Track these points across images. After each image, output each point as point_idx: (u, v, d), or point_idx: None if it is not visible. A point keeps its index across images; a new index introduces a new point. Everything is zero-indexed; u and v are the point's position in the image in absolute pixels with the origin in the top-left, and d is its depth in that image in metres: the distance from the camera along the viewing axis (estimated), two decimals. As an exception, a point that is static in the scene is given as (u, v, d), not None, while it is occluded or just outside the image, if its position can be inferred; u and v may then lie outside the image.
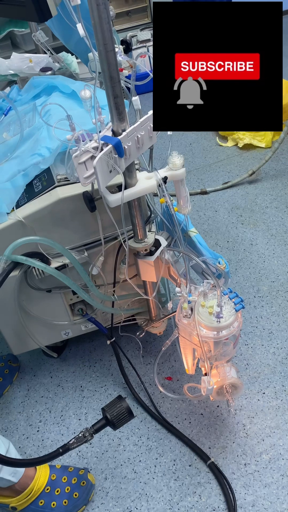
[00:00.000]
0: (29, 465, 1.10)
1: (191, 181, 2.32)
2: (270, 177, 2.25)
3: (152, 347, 1.56)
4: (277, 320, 1.57)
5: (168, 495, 1.20)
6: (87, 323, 1.36)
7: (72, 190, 1.07)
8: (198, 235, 1.27)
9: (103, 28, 0.75)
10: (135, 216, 1.08)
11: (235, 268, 1.79)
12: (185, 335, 1.10)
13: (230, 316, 1.02)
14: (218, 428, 1.31)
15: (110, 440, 1.33)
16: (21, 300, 1.21)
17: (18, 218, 1.06)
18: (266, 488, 1.17)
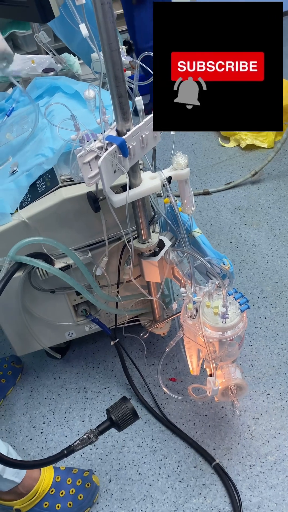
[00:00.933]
0: (34, 466, 1.09)
1: (194, 181, 2.31)
2: (273, 178, 2.24)
3: (156, 348, 1.55)
4: (281, 321, 1.56)
5: (173, 496, 1.19)
6: (90, 324, 1.36)
7: (76, 190, 1.06)
8: (202, 236, 1.26)
9: (107, 27, 0.75)
10: (139, 216, 1.08)
11: (238, 268, 1.78)
12: (190, 335, 1.10)
13: (236, 316, 1.01)
14: (223, 429, 1.30)
15: (114, 442, 1.32)
16: (24, 301, 1.21)
17: (22, 218, 1.05)
18: (271, 489, 1.17)
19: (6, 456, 0.91)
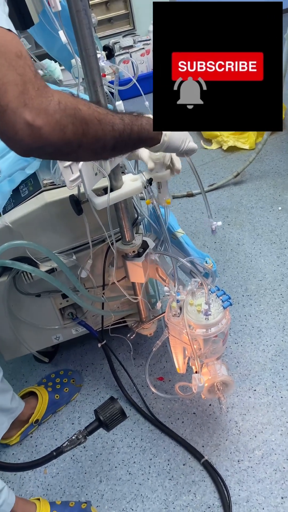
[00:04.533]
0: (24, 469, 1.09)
1: (177, 184, 2.34)
2: (255, 178, 2.28)
3: (143, 348, 1.57)
4: (265, 318, 1.59)
5: (163, 494, 1.20)
6: (77, 327, 1.37)
7: (58, 194, 1.08)
8: (185, 236, 1.28)
9: (83, 33, 0.77)
10: (122, 218, 1.10)
11: (223, 268, 1.81)
12: (175, 334, 1.12)
13: (218, 313, 1.03)
14: (211, 426, 1.32)
15: (104, 443, 1.33)
16: (10, 305, 1.21)
17: (5, 223, 1.06)
18: (259, 483, 1.18)
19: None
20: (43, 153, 0.65)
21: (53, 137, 0.61)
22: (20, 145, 0.60)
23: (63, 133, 0.62)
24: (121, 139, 0.76)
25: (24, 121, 0.58)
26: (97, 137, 0.69)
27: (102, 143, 0.72)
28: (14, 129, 0.58)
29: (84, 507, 1.16)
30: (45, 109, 0.59)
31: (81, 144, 0.67)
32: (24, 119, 0.58)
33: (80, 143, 0.67)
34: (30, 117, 0.58)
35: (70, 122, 0.63)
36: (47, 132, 0.60)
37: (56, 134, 0.61)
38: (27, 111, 0.57)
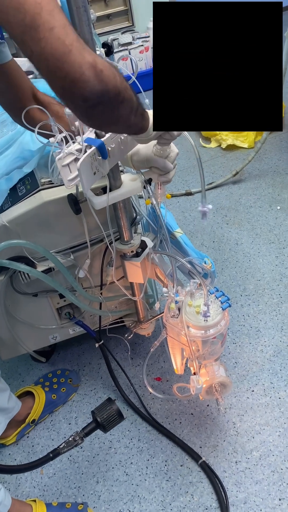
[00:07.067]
0: (20, 471, 1.08)
1: (176, 182, 2.33)
2: (254, 177, 2.27)
3: (141, 348, 1.56)
4: (264, 318, 1.58)
5: (160, 496, 1.20)
6: (75, 326, 1.36)
7: (56, 193, 1.06)
8: (183, 236, 1.27)
9: (83, 30, 0.75)
10: (120, 218, 1.08)
11: (221, 267, 1.80)
12: (173, 335, 1.11)
13: (217, 314, 1.03)
14: (208, 427, 1.32)
15: (101, 443, 1.32)
16: (7, 305, 1.20)
17: (2, 222, 1.05)
18: (257, 484, 1.18)
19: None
20: (104, 101, 0.62)
21: (111, 82, 0.61)
22: (86, 87, 0.58)
23: (115, 80, 0.62)
24: (136, 109, 0.75)
25: (89, 62, 0.57)
26: (130, 96, 0.69)
27: (130, 105, 0.71)
28: (80, 69, 0.57)
29: (80, 508, 1.16)
30: (97, 56, 0.59)
31: (123, 99, 0.66)
32: (88, 60, 0.57)
33: (124, 97, 0.66)
34: (91, 59, 0.58)
35: (114, 72, 0.63)
36: (107, 76, 0.60)
37: (111, 81, 0.61)
38: (87, 53, 0.58)
